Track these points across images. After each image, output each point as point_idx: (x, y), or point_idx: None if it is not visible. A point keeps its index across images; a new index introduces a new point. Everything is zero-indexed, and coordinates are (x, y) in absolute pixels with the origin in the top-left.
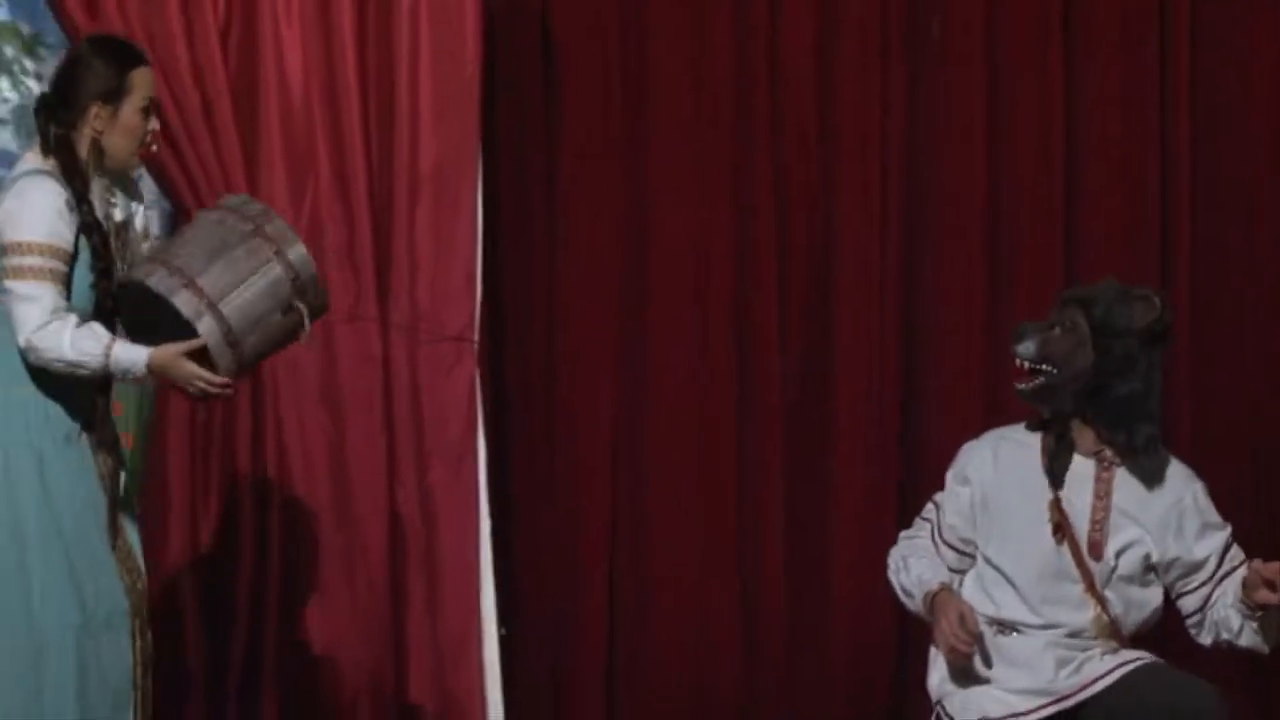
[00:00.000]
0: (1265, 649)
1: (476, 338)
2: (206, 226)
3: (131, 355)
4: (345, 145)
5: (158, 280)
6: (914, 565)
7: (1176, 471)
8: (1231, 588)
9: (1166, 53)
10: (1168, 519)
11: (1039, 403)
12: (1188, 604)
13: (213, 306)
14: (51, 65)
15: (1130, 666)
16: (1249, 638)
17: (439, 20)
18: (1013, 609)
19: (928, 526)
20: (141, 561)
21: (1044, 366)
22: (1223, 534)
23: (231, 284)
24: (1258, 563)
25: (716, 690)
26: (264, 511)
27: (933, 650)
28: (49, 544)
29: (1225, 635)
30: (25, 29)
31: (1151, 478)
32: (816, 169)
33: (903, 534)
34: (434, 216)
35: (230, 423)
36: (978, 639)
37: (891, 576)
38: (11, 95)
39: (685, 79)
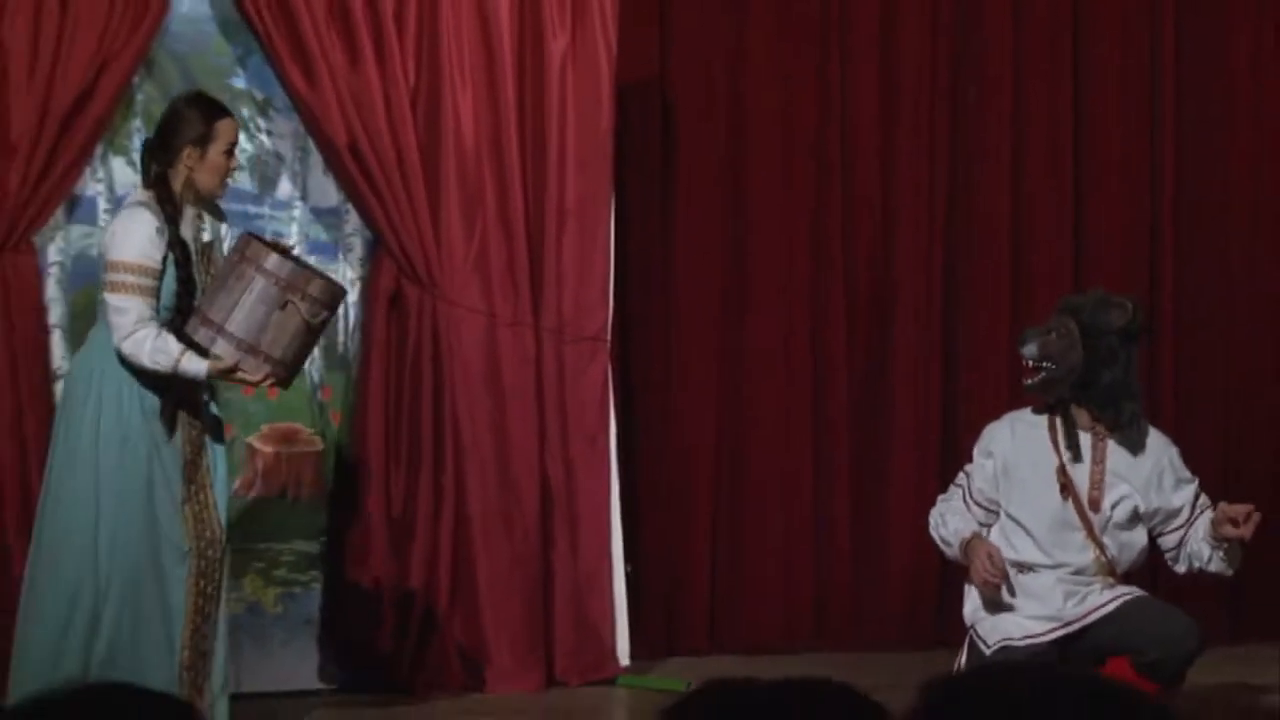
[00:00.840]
0: (1229, 573)
1: (609, 339)
2: (218, 272)
3: (195, 367)
4: (507, 187)
5: (190, 325)
6: (950, 520)
7: (1155, 439)
8: (1202, 526)
9: (1156, 98)
10: (1151, 477)
11: (1043, 393)
12: (1166, 542)
13: (221, 330)
14: (279, 123)
15: (1124, 599)
16: (1216, 564)
17: (581, 89)
18: (1029, 553)
19: (959, 491)
20: (219, 517)
21: (1044, 364)
22: (1193, 486)
23: (229, 306)
24: (1225, 504)
25: (795, 615)
26: (440, 475)
27: (967, 586)
28: (124, 492)
29: (1197, 564)
30: (258, 95)
31: (1136, 445)
32: (878, 207)
33: (940, 497)
34: (576, 243)
35: (416, 406)
36: (1004, 574)
37: (932, 531)
38: (248, 147)
39: (775, 135)
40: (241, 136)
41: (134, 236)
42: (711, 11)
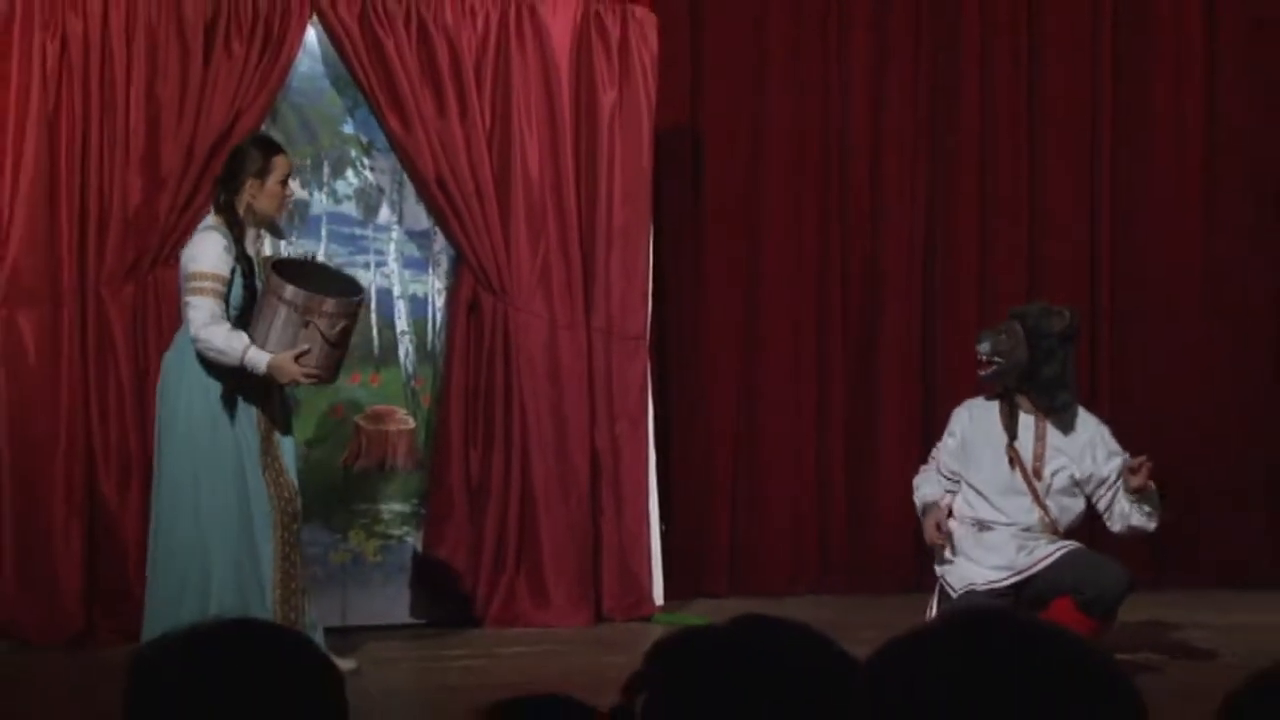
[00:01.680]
0: (1151, 526)
1: (648, 338)
2: (258, 302)
3: (258, 358)
4: (565, 214)
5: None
6: (922, 488)
7: (1086, 419)
8: (1123, 488)
9: (1097, 125)
10: (1084, 449)
11: (993, 382)
12: (1100, 506)
13: (262, 351)
14: (380, 161)
15: (1065, 550)
16: (1139, 518)
17: (626, 134)
18: (987, 513)
19: (934, 464)
20: (292, 481)
21: (995, 359)
22: (1121, 457)
23: (265, 332)
24: (1128, 457)
25: (801, 564)
26: (509, 450)
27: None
28: (217, 466)
29: (1123, 523)
30: (363, 138)
31: (1069, 426)
32: (869, 228)
33: (921, 468)
34: (621, 260)
35: (490, 393)
36: (949, 535)
37: (915, 495)
38: (355, 181)
39: (785, 172)
40: (349, 171)
41: (207, 253)
42: (734, 72)
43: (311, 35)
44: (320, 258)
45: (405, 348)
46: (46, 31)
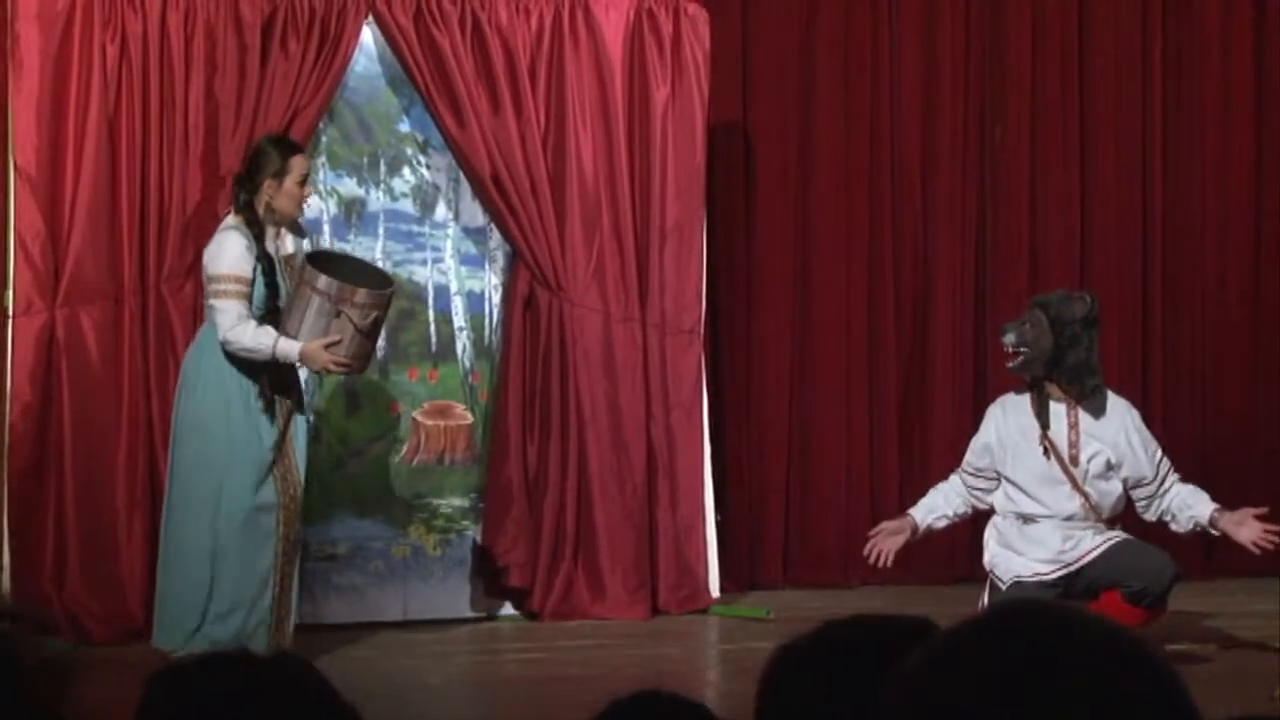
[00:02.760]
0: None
1: (701, 331)
2: (290, 293)
3: (288, 348)
4: (620, 210)
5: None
6: (929, 494)
7: (1116, 402)
8: (1182, 498)
9: (1148, 118)
10: (1117, 434)
11: (1021, 373)
12: (1136, 495)
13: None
14: (436, 159)
15: (1111, 542)
16: (1180, 528)
17: (679, 130)
18: (1028, 506)
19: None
20: (299, 476)
21: (1021, 349)
22: (1157, 452)
23: (298, 322)
24: (1262, 524)
25: (854, 556)
26: (566, 443)
27: (985, 537)
28: (235, 457)
29: (1166, 519)
30: (420, 136)
31: (1100, 410)
32: (921, 219)
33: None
34: (675, 255)
35: (546, 387)
36: (885, 551)
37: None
38: (411, 179)
39: (836, 165)
40: (405, 169)
41: (227, 253)
42: (785, 67)
43: (367, 35)
44: (378, 255)
45: (463, 343)
46: (106, 32)
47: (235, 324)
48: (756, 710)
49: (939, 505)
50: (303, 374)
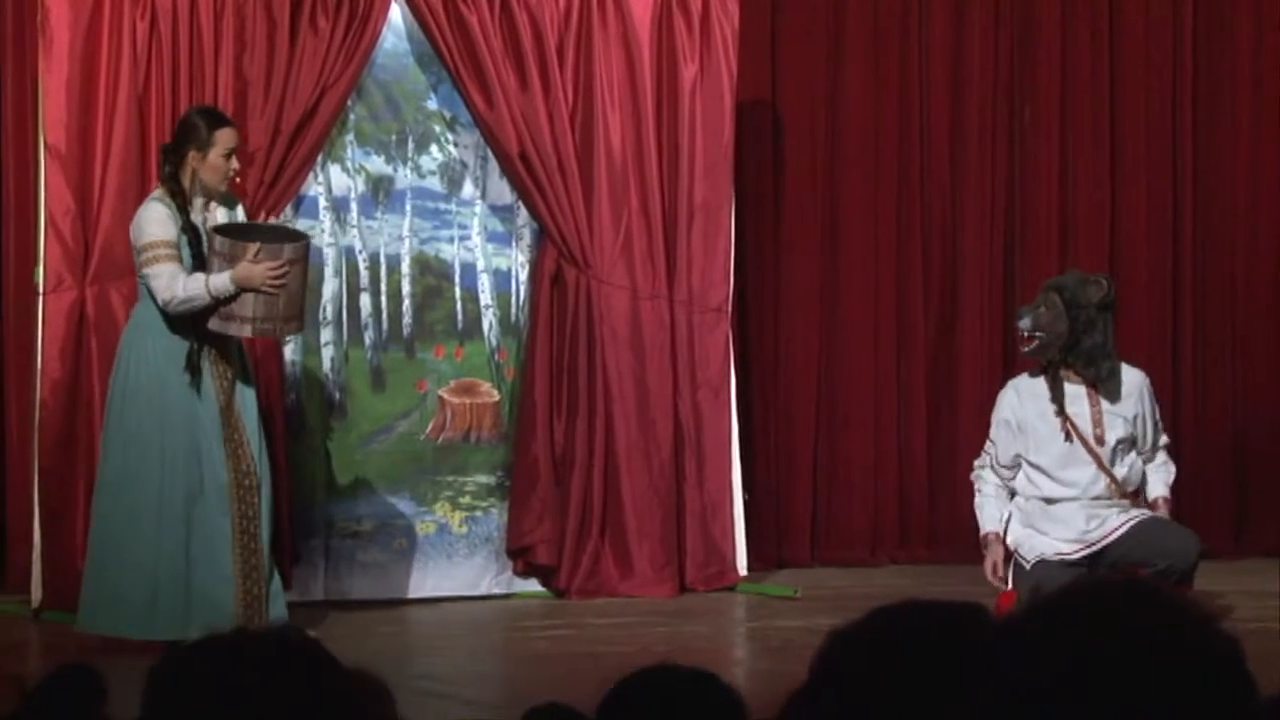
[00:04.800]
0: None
1: (729, 310)
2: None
3: (221, 279)
4: (647, 188)
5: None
6: (984, 508)
7: (1131, 376)
8: (1154, 472)
9: (1179, 96)
10: (1136, 407)
11: (1037, 357)
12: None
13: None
14: (464, 136)
15: (1134, 521)
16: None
17: (707, 107)
18: (1050, 489)
19: (988, 459)
20: (252, 452)
21: (1037, 334)
22: (1160, 422)
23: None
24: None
25: (882, 534)
26: (593, 420)
27: (1008, 515)
28: (176, 436)
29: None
30: (447, 113)
31: (1117, 392)
32: (949, 199)
33: (976, 463)
34: (703, 233)
35: (574, 364)
36: (1003, 580)
37: (977, 511)
38: (439, 156)
39: (865, 144)
40: (433, 146)
41: (149, 222)
42: (813, 45)
43: (396, 12)
44: (404, 233)
45: (489, 321)
46: (136, 9)
47: (169, 283)
48: (809, 694)
49: (998, 508)
50: (290, 352)
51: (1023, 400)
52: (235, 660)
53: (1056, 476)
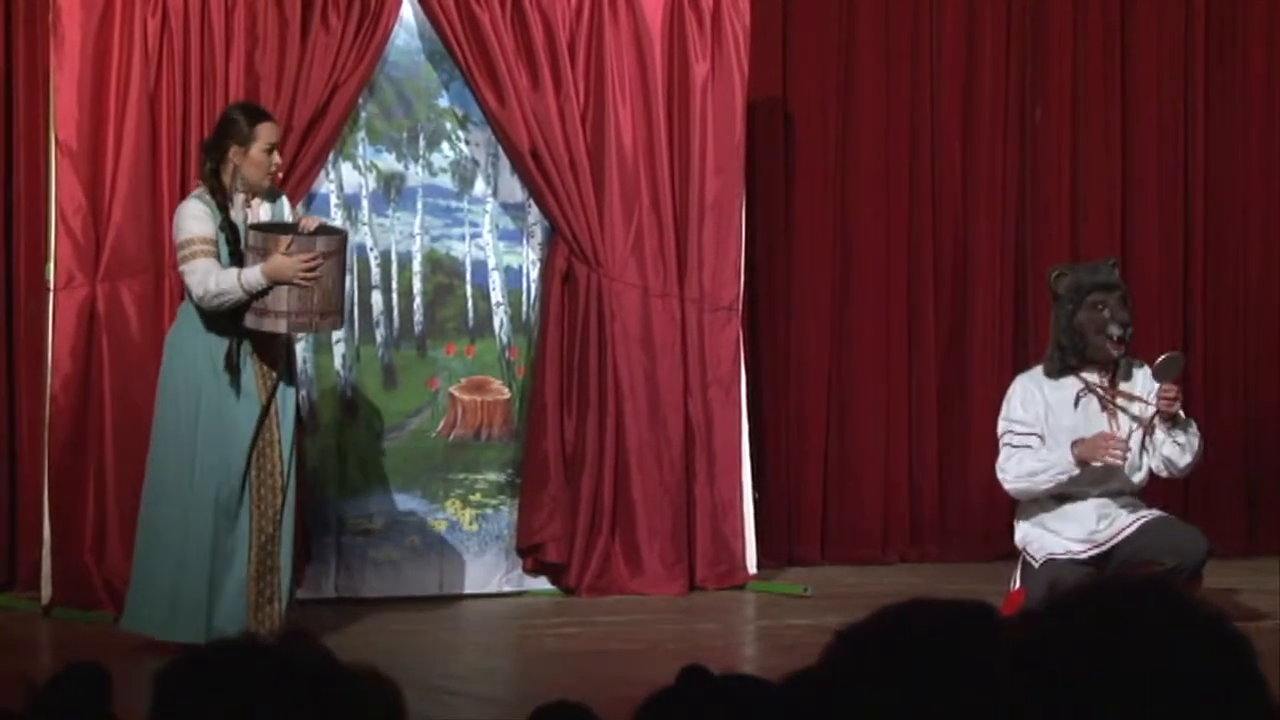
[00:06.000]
0: (1184, 460)
1: (740, 308)
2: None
3: (253, 273)
4: (659, 186)
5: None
6: (1029, 463)
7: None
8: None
9: (1190, 98)
10: (1144, 394)
11: (1125, 355)
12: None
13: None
14: (475, 134)
15: (1143, 520)
16: (1170, 448)
17: (719, 106)
18: (1064, 486)
19: (1009, 448)
20: (282, 452)
21: (1129, 331)
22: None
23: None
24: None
25: (892, 533)
26: (604, 418)
27: (1015, 521)
28: (209, 436)
29: (1157, 453)
30: (459, 111)
31: (1129, 373)
32: (960, 199)
33: (999, 468)
34: (714, 231)
35: (584, 362)
36: (1123, 444)
37: (1014, 485)
38: (450, 154)
39: (876, 143)
40: (445, 144)
41: (188, 219)
42: (825, 43)
43: (407, 9)
44: (415, 230)
45: (500, 319)
46: (147, 6)
47: (203, 279)
48: (813, 686)
49: (1044, 455)
50: (301, 349)
51: (1046, 396)
52: (240, 669)
53: (1078, 474)
